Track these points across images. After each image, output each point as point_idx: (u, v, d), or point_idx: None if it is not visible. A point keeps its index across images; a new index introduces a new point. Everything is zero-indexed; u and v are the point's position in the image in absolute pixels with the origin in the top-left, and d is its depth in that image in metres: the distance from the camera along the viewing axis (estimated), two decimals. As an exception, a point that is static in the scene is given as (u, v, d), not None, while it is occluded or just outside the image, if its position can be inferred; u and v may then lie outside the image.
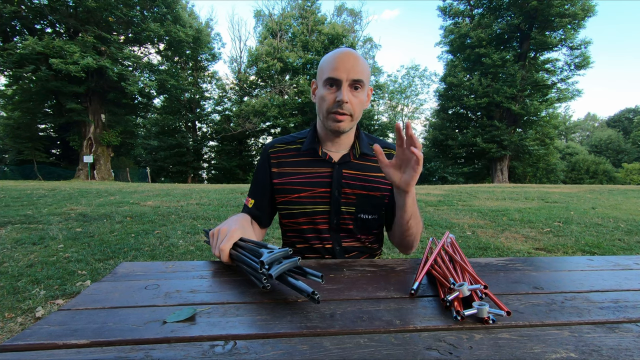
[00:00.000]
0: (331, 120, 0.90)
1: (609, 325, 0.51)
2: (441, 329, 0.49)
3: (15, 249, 3.27)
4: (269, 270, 0.58)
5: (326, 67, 0.88)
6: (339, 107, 0.87)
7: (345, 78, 0.86)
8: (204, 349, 0.44)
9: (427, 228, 4.54)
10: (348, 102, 0.87)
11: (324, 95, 0.89)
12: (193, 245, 3.53)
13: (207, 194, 8.10)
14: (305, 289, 0.55)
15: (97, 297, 0.59)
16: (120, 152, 21.73)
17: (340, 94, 0.86)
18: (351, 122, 0.91)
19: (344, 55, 0.87)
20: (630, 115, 45.53)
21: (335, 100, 0.87)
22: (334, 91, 0.88)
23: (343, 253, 0.97)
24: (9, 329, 1.82)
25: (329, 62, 0.88)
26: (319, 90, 0.92)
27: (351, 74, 0.86)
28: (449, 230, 1.23)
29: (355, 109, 0.89)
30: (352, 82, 0.87)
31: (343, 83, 0.86)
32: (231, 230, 0.75)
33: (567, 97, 20.76)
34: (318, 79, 0.93)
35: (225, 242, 0.72)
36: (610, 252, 3.45)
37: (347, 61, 0.86)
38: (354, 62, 0.86)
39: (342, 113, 0.88)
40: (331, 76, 0.86)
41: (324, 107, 0.90)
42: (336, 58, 0.87)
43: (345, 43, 25.34)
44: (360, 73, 0.87)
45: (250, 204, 1.01)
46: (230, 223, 0.80)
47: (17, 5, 14.57)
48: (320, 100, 0.91)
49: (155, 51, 20.70)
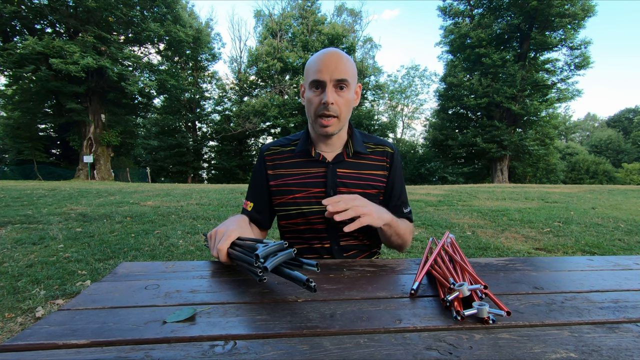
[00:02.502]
0: (318, 125, 0.91)
1: (609, 325, 0.51)
2: (441, 329, 0.49)
3: (15, 249, 3.27)
4: (264, 263, 0.58)
5: (310, 69, 0.89)
6: (325, 108, 0.87)
7: (329, 79, 0.86)
8: (204, 349, 0.44)
9: (427, 228, 4.54)
10: (333, 103, 0.87)
11: (310, 98, 0.89)
12: (193, 245, 3.53)
13: (207, 194, 8.10)
14: (300, 277, 0.56)
15: (97, 297, 0.59)
16: (120, 152, 21.72)
17: (325, 96, 0.86)
18: (339, 124, 0.91)
19: (327, 56, 0.87)
20: (630, 115, 45.53)
21: (321, 103, 0.87)
22: (319, 93, 0.88)
23: (342, 252, 0.98)
24: (9, 329, 1.82)
25: (313, 65, 0.88)
26: (306, 93, 0.92)
27: (335, 74, 0.86)
28: (449, 230, 1.23)
29: (342, 109, 0.89)
30: (336, 82, 0.87)
31: (327, 84, 0.86)
32: (229, 230, 0.75)
33: (567, 97, 20.76)
34: (305, 82, 0.93)
35: (223, 242, 0.72)
36: (610, 252, 3.45)
37: (330, 62, 0.86)
38: (337, 62, 0.86)
39: (328, 115, 0.88)
40: (315, 78, 0.87)
41: (312, 110, 0.90)
42: (319, 60, 0.87)
43: (345, 43, 25.34)
44: (344, 72, 0.87)
45: (250, 207, 1.01)
46: (227, 224, 0.80)
47: (17, 5, 14.57)
48: (308, 104, 0.91)
49: (155, 51, 20.70)
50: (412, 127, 41.33)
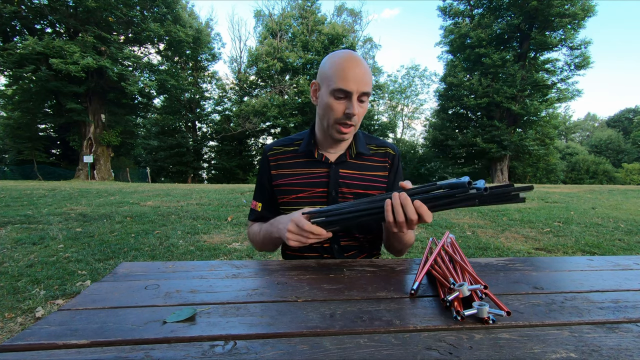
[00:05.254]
0: (335, 131, 0.90)
1: (609, 325, 0.51)
2: (441, 329, 0.49)
3: (15, 249, 3.27)
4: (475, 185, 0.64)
5: (334, 74, 0.85)
6: (348, 118, 0.87)
7: (356, 90, 0.85)
8: (204, 349, 0.44)
9: (427, 228, 4.54)
10: (356, 114, 0.87)
11: (332, 104, 0.87)
12: (193, 245, 3.53)
13: (207, 194, 8.10)
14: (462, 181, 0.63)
15: (97, 297, 0.59)
16: (120, 152, 21.72)
17: (351, 107, 0.85)
18: (354, 131, 0.93)
19: (354, 65, 0.85)
20: (630, 115, 45.49)
21: (345, 112, 0.87)
22: (343, 102, 0.87)
23: (342, 252, 0.98)
24: (9, 329, 1.82)
25: (339, 71, 0.85)
26: (323, 96, 0.89)
27: (361, 87, 0.85)
28: (449, 230, 1.23)
29: (360, 118, 0.91)
30: (361, 94, 0.86)
31: (353, 95, 0.85)
32: (292, 218, 0.79)
33: (567, 97, 20.78)
34: (322, 83, 0.90)
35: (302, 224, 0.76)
36: (610, 252, 3.45)
37: (358, 72, 0.84)
38: (364, 74, 0.85)
39: (349, 125, 0.89)
40: (342, 87, 0.84)
41: (331, 117, 0.89)
42: (346, 67, 0.84)
43: (345, 43, 25.30)
44: (368, 85, 0.86)
45: (259, 207, 1.03)
46: (280, 222, 0.86)
47: (17, 5, 14.57)
48: (327, 108, 0.89)
49: (155, 51, 20.69)
50: (412, 127, 41.37)
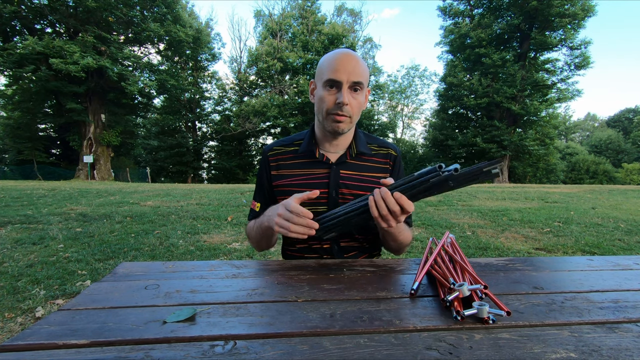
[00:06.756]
0: (330, 121, 0.90)
1: (609, 325, 0.51)
2: (441, 329, 0.49)
3: (15, 249, 3.27)
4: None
5: (326, 68, 0.88)
6: (339, 109, 0.87)
7: (346, 80, 0.86)
8: (204, 349, 0.43)
9: (427, 228, 4.54)
10: (348, 104, 0.87)
11: (324, 96, 0.89)
12: (193, 245, 3.53)
13: (207, 194, 8.10)
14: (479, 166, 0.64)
15: (97, 297, 0.59)
16: (120, 152, 21.73)
17: (341, 96, 0.86)
18: (350, 124, 0.92)
19: (345, 57, 0.87)
20: (630, 115, 45.51)
21: (336, 102, 0.87)
22: (334, 93, 0.88)
23: (342, 253, 0.97)
24: (9, 329, 1.82)
25: (329, 63, 0.88)
26: (318, 91, 0.92)
27: (352, 76, 0.86)
28: (449, 230, 1.23)
29: (354, 111, 0.90)
30: (352, 84, 0.87)
31: (343, 85, 0.86)
32: (282, 203, 0.80)
33: (567, 97, 20.79)
34: (317, 79, 0.93)
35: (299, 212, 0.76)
36: (610, 252, 3.45)
37: (348, 63, 0.86)
38: (355, 64, 0.86)
39: (341, 114, 0.88)
40: (332, 78, 0.86)
41: (324, 108, 0.90)
42: (337, 59, 0.87)
43: (345, 43, 25.31)
44: (360, 75, 0.87)
45: (257, 207, 1.02)
46: (272, 209, 0.86)
47: (17, 5, 14.57)
48: (320, 101, 0.91)
49: (155, 51, 20.70)
50: (412, 127, 41.39)
